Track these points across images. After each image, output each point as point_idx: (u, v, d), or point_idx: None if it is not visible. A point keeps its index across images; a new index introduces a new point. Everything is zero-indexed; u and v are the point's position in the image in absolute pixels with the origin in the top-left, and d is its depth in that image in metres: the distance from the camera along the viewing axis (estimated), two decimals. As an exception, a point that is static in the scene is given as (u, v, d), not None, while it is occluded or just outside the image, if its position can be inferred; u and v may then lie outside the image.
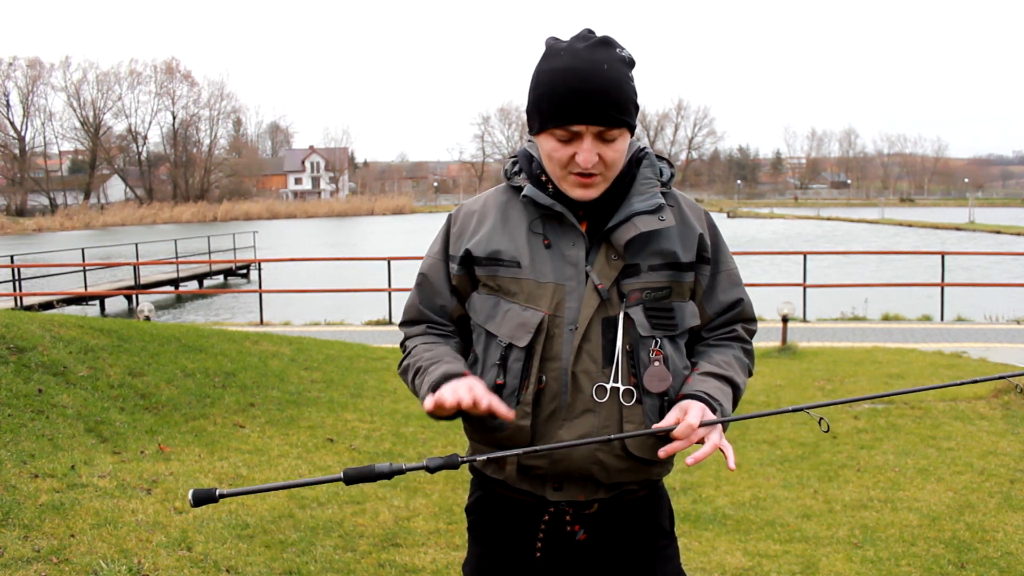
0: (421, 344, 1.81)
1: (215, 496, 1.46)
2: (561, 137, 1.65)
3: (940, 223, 49.34)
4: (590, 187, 1.68)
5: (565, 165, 1.67)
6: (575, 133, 1.63)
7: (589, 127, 1.62)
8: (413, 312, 1.87)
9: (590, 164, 1.63)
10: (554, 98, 1.63)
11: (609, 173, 1.68)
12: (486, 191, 1.88)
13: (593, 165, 1.64)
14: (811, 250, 25.64)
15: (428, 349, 1.78)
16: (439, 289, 1.83)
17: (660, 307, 1.72)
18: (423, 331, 1.85)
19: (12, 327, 6.06)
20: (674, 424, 1.61)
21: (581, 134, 1.63)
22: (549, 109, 1.64)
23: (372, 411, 6.66)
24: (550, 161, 1.69)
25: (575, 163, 1.65)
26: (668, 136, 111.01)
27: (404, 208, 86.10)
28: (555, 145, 1.66)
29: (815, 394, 7.55)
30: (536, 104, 1.68)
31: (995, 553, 3.96)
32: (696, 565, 3.88)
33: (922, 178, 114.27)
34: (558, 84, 1.62)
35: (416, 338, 1.85)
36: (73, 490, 4.11)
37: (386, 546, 4.00)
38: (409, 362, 1.80)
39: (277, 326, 13.93)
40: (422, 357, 1.76)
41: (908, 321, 13.62)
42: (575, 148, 1.64)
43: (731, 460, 1.62)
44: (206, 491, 1.46)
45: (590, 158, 1.63)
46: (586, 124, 1.62)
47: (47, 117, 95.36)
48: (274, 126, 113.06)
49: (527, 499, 1.76)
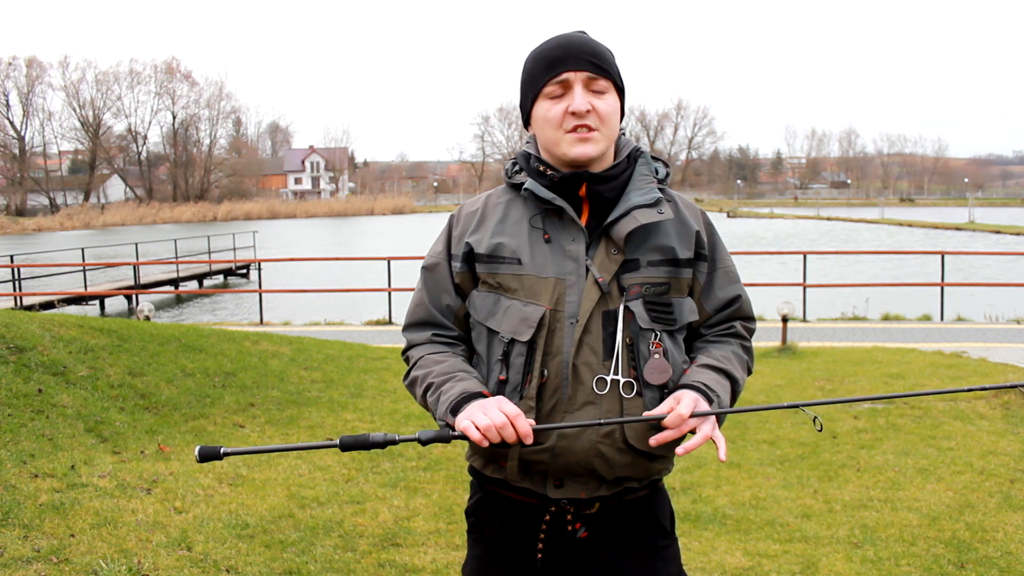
0: (428, 355, 1.79)
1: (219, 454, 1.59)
2: (553, 93, 1.72)
3: (940, 223, 49.31)
4: (588, 141, 1.71)
5: (560, 123, 1.71)
6: (565, 83, 1.71)
7: (577, 74, 1.71)
8: (421, 312, 1.84)
9: (584, 108, 1.69)
10: (542, 59, 1.74)
11: (605, 129, 1.72)
12: (486, 191, 1.90)
13: (587, 113, 1.70)
14: (811, 250, 25.63)
15: (437, 361, 1.76)
16: (445, 287, 1.83)
17: (660, 301, 1.74)
18: (428, 339, 1.82)
19: (12, 327, 6.06)
20: (665, 413, 1.62)
21: (571, 83, 1.71)
22: (540, 70, 1.74)
23: (372, 411, 6.66)
24: (547, 126, 1.74)
25: (569, 116, 1.70)
26: (668, 136, 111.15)
27: (404, 208, 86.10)
28: (548, 105, 1.73)
29: (815, 394, 7.55)
30: (529, 76, 1.76)
31: (995, 553, 3.96)
32: (696, 565, 3.88)
33: (922, 178, 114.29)
34: (545, 50, 1.75)
35: (421, 347, 1.82)
36: (73, 490, 4.11)
37: (386, 546, 4.00)
38: (418, 375, 1.78)
39: (277, 326, 13.92)
40: (432, 371, 1.74)
41: (908, 321, 13.61)
42: (568, 101, 1.71)
43: (722, 451, 1.64)
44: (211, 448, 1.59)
45: (582, 103, 1.69)
46: (574, 71, 1.71)
47: (46, 117, 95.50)
48: (274, 126, 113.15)
49: (528, 499, 1.76)
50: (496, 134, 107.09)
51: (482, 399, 1.63)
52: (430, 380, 1.73)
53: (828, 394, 7.54)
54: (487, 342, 1.75)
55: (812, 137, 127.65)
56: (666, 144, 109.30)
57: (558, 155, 1.74)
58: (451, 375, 1.72)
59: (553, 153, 1.75)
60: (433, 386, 1.72)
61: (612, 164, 1.77)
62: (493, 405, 1.59)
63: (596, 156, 1.72)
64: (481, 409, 1.59)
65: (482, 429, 1.56)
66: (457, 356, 1.79)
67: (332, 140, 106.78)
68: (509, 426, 1.56)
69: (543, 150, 1.78)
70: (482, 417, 1.57)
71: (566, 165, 1.75)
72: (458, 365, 1.75)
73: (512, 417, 1.57)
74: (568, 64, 1.70)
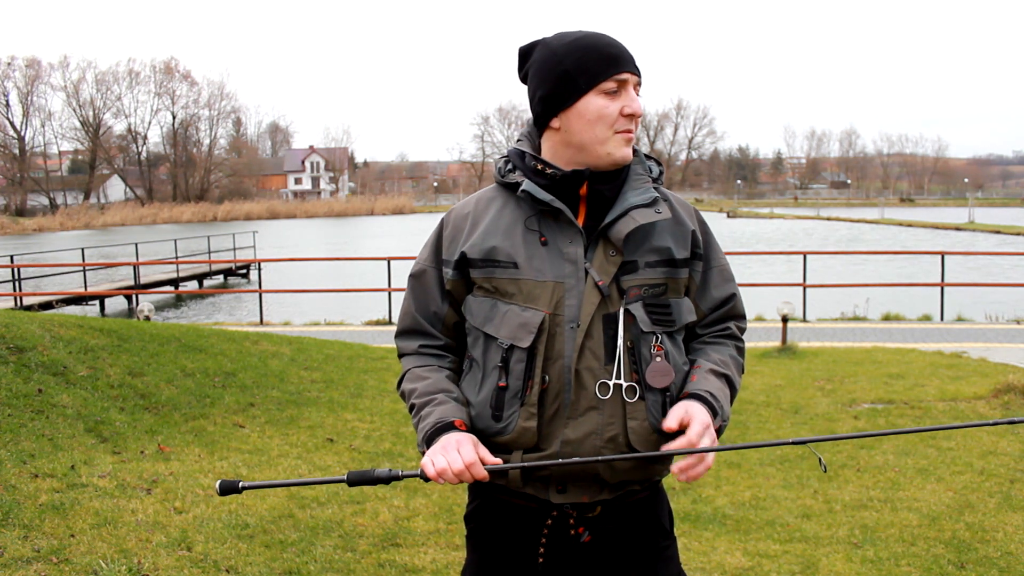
0: (415, 368, 1.81)
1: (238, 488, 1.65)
2: (609, 90, 1.70)
3: (940, 223, 49.30)
4: (630, 144, 1.74)
5: (613, 123, 1.70)
6: (622, 83, 1.71)
7: (631, 75, 1.72)
8: (408, 320, 1.85)
9: (641, 111, 1.73)
10: (599, 53, 1.70)
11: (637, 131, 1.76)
12: (475, 192, 1.86)
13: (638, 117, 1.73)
14: (811, 250, 25.63)
15: (421, 377, 1.78)
16: (432, 296, 1.81)
17: (659, 303, 1.72)
18: (416, 351, 1.83)
19: (12, 327, 6.06)
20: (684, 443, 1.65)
21: (627, 83, 1.71)
22: (598, 64, 1.69)
23: (372, 411, 6.66)
24: (598, 123, 1.70)
25: (623, 118, 1.71)
26: (668, 136, 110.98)
27: (404, 208, 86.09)
28: (604, 102, 1.70)
29: (815, 394, 7.55)
30: (582, 68, 1.69)
31: (995, 553, 3.96)
32: (696, 565, 3.88)
33: (922, 178, 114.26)
34: (601, 46, 1.71)
35: (409, 358, 1.84)
36: (73, 490, 4.11)
37: (386, 546, 4.00)
38: (405, 389, 1.80)
39: (277, 326, 13.92)
40: (416, 390, 1.76)
41: (908, 321, 13.61)
42: (622, 101, 1.70)
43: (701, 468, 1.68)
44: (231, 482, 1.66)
45: (639, 106, 1.72)
46: (631, 72, 1.72)
47: (46, 117, 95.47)
48: (274, 126, 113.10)
49: (529, 504, 1.74)
50: (496, 134, 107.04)
51: (451, 433, 1.64)
52: (412, 400, 1.76)
53: (828, 394, 7.53)
54: (484, 348, 1.72)
55: (812, 137, 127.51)
56: (666, 144, 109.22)
57: (599, 154, 1.70)
58: (431, 397, 1.72)
59: (591, 151, 1.70)
60: (415, 408, 1.75)
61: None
62: (453, 447, 1.61)
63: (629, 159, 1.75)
64: (442, 451, 1.62)
65: (437, 471, 1.60)
66: (442, 371, 1.80)
67: (332, 140, 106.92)
68: (466, 472, 1.60)
69: (565, 146, 1.73)
70: (440, 459, 1.60)
71: (580, 164, 1.72)
72: (439, 384, 1.75)
73: (468, 465, 1.60)
74: (627, 64, 1.70)
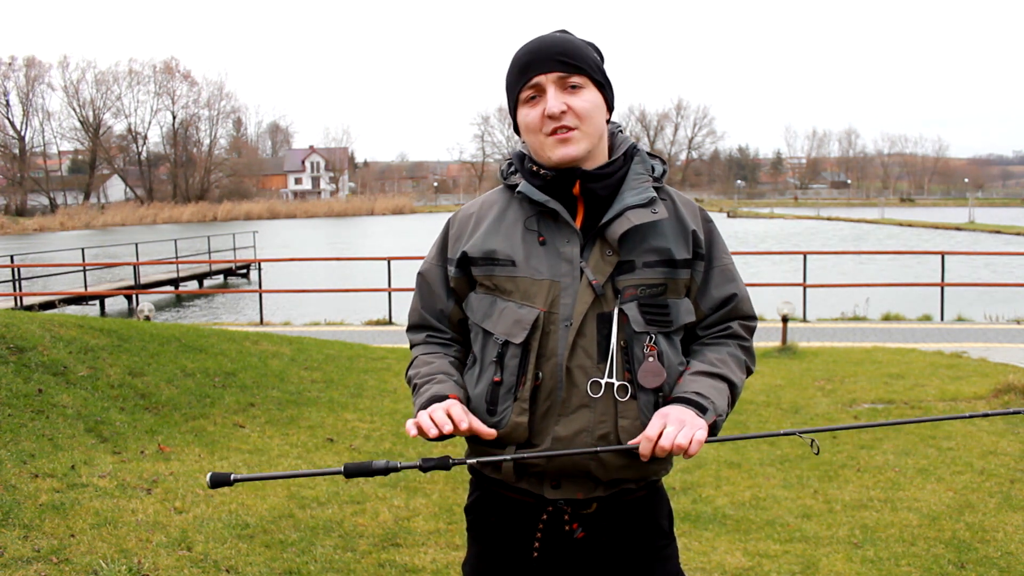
0: (421, 355, 1.86)
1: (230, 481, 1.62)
2: (528, 97, 1.73)
3: (940, 223, 49.32)
4: (569, 142, 1.71)
5: (540, 127, 1.72)
6: (538, 87, 1.71)
7: (547, 75, 1.70)
8: (416, 317, 1.92)
9: (557, 109, 1.69)
10: (514, 66, 1.76)
11: (585, 127, 1.71)
12: (484, 193, 1.91)
13: (563, 113, 1.69)
14: (811, 250, 25.62)
15: (426, 363, 1.83)
16: (437, 293, 1.87)
17: (655, 303, 1.72)
18: (424, 340, 1.90)
19: (12, 327, 6.06)
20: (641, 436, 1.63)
21: (543, 85, 1.71)
22: (513, 78, 1.75)
23: (372, 411, 6.66)
24: (528, 133, 1.75)
25: (546, 120, 1.70)
26: (668, 136, 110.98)
27: (404, 208, 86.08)
28: (526, 110, 1.74)
29: (815, 394, 7.55)
30: (507, 86, 1.78)
31: (995, 553, 3.96)
32: (696, 565, 3.88)
33: (922, 178, 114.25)
34: (517, 57, 1.76)
35: (418, 347, 1.90)
36: (73, 490, 4.11)
37: (386, 546, 4.00)
38: (411, 374, 1.86)
39: (277, 326, 13.92)
40: (419, 372, 1.81)
41: (908, 321, 13.61)
42: (542, 105, 1.71)
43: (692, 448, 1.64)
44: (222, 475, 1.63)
45: (555, 104, 1.69)
46: (543, 73, 1.70)
47: (46, 117, 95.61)
48: (274, 126, 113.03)
49: (525, 499, 1.76)
50: (496, 134, 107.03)
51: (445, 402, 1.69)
52: (415, 381, 1.81)
53: (828, 394, 7.54)
54: (482, 343, 1.77)
55: (812, 137, 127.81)
56: (666, 144, 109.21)
57: (545, 159, 1.74)
58: (431, 377, 1.77)
59: (540, 157, 1.76)
60: (416, 387, 1.80)
61: (607, 161, 1.76)
62: (441, 409, 1.66)
63: (579, 156, 1.71)
64: (429, 411, 1.66)
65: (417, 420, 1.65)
66: (447, 357, 1.85)
67: (332, 140, 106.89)
68: (447, 421, 1.63)
69: (534, 153, 1.80)
70: (425, 418, 1.65)
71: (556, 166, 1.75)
72: (442, 367, 1.80)
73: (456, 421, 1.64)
74: (536, 67, 1.71)
